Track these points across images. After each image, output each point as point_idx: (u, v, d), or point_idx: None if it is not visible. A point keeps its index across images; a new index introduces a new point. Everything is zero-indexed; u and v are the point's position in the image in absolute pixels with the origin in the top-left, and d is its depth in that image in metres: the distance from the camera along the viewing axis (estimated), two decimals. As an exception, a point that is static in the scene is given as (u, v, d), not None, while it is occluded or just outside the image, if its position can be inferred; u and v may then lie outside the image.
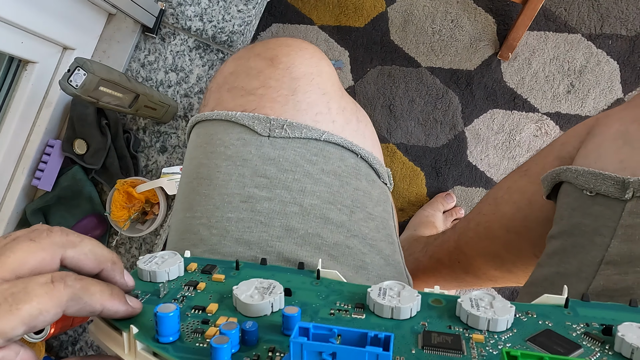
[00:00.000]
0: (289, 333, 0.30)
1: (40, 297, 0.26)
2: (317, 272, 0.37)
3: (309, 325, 0.26)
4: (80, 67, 0.75)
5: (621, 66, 1.09)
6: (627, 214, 0.41)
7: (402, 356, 0.28)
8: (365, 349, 0.24)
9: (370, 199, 0.50)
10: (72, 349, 1.13)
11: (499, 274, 0.69)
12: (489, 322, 0.31)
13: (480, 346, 0.29)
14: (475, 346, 0.29)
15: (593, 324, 0.32)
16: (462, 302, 0.32)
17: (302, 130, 0.46)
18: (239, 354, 0.28)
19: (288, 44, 0.51)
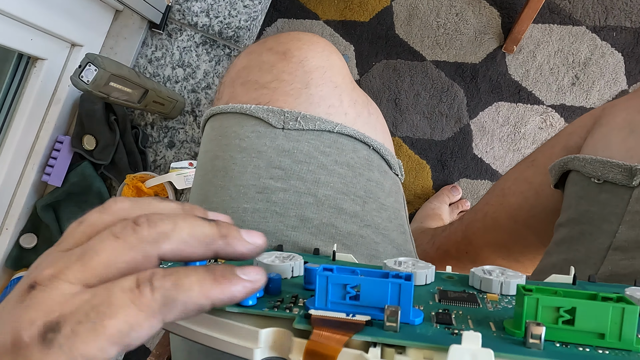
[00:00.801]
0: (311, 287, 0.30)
1: (127, 309, 0.21)
2: (332, 253, 0.38)
3: (333, 267, 0.26)
4: (91, 62, 0.76)
5: (625, 58, 1.10)
6: (635, 200, 0.42)
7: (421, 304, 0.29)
8: (388, 280, 0.25)
9: (383, 190, 0.51)
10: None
11: (506, 264, 0.70)
12: (501, 285, 0.32)
13: (495, 303, 0.30)
14: (490, 302, 0.30)
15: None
16: (475, 271, 0.33)
17: (315, 123, 0.47)
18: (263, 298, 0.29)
19: (300, 38, 0.52)
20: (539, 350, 0.24)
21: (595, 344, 0.24)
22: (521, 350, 0.24)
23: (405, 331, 0.25)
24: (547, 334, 0.24)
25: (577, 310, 0.24)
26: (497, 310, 0.29)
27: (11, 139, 1.01)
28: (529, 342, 0.24)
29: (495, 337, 0.25)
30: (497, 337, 0.25)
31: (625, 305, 0.24)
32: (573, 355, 0.24)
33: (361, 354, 0.24)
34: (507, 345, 0.24)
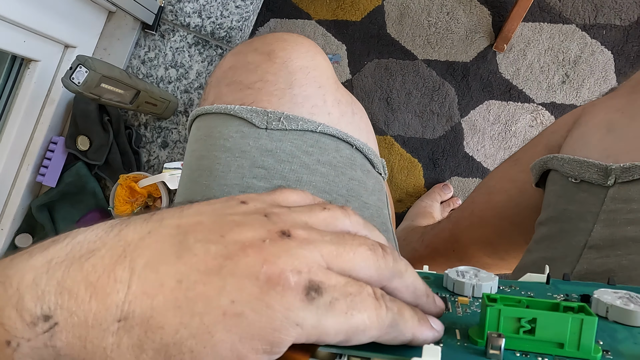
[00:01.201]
0: None
1: (371, 311, 0.23)
2: None
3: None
4: (82, 64, 0.77)
5: (615, 56, 1.10)
6: (610, 199, 0.43)
7: None
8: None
9: (365, 189, 0.51)
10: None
11: (492, 261, 0.71)
12: (473, 287, 0.32)
13: (465, 307, 0.31)
14: (461, 306, 0.31)
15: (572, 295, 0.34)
16: (449, 273, 0.34)
17: (298, 123, 0.48)
18: None
19: (285, 38, 0.53)
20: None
21: (555, 353, 0.25)
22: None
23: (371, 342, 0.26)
24: (509, 343, 0.25)
25: (537, 320, 0.25)
26: (465, 316, 0.30)
27: (6, 140, 1.01)
28: (489, 352, 0.25)
29: (457, 347, 0.26)
30: (459, 347, 0.26)
31: (584, 316, 0.25)
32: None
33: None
34: (466, 356, 0.25)
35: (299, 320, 0.22)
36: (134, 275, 0.22)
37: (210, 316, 0.21)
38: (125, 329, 0.21)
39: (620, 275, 0.41)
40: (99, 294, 0.22)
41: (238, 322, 0.21)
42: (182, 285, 0.22)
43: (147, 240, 0.24)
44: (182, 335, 0.21)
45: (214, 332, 0.21)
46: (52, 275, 0.22)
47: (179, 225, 0.24)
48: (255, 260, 0.22)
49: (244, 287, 0.22)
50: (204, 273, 0.22)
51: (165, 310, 0.21)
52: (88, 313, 0.21)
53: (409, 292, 0.26)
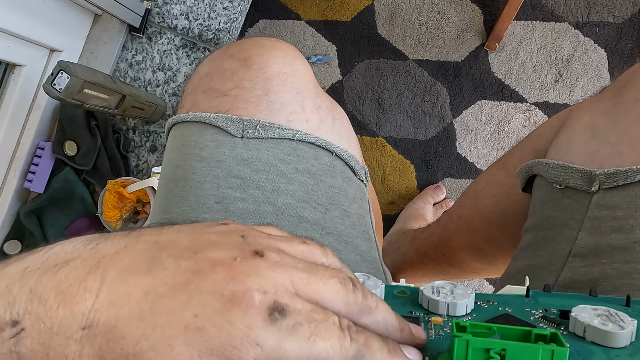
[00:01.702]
0: None
1: (334, 341, 0.22)
2: None
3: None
4: (63, 70, 0.75)
5: (609, 54, 1.09)
6: (594, 206, 0.42)
7: None
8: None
9: (346, 197, 0.50)
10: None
11: (482, 266, 0.70)
12: (448, 306, 0.31)
13: (439, 328, 0.30)
14: (434, 327, 0.30)
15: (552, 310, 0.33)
16: (424, 289, 0.33)
17: (275, 131, 0.47)
18: None
19: (262, 43, 0.52)
20: None
21: None
22: None
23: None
24: None
25: (507, 351, 0.24)
26: (438, 339, 0.29)
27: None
28: None
29: None
30: None
31: (554, 347, 0.24)
32: None
33: None
34: None
35: (260, 340, 0.21)
36: (103, 285, 0.22)
37: (172, 329, 0.21)
38: (88, 338, 0.21)
39: (605, 284, 0.40)
40: (67, 302, 0.22)
41: (198, 337, 0.21)
42: (149, 298, 0.22)
43: (121, 254, 0.24)
44: (143, 347, 0.21)
45: (173, 345, 0.21)
46: (25, 283, 0.23)
47: (155, 242, 0.25)
48: (222, 277, 0.22)
49: (208, 302, 0.22)
50: (171, 287, 0.22)
51: (129, 320, 0.21)
52: (54, 320, 0.22)
53: (379, 328, 0.26)
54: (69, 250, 0.24)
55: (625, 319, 0.29)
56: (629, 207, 0.40)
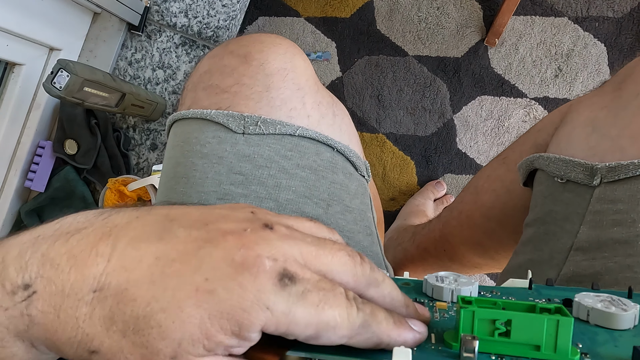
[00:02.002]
0: None
1: (342, 309, 0.23)
2: None
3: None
4: (63, 68, 0.75)
5: (608, 48, 1.09)
6: (595, 200, 0.42)
7: None
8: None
9: (348, 192, 0.50)
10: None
11: (483, 261, 0.70)
12: (452, 292, 0.31)
13: (444, 311, 0.30)
14: (439, 311, 0.30)
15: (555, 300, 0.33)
16: (428, 278, 0.33)
17: (276, 127, 0.47)
18: None
19: (261, 40, 0.52)
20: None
21: (531, 356, 0.24)
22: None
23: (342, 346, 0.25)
24: (484, 346, 0.25)
25: (512, 322, 0.24)
26: (443, 320, 0.29)
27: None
28: (463, 355, 0.24)
29: (431, 351, 0.26)
30: (433, 351, 0.26)
31: (560, 317, 0.24)
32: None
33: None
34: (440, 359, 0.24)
35: (270, 304, 0.21)
36: (115, 251, 0.23)
37: (183, 291, 0.21)
38: (99, 300, 0.22)
39: (607, 278, 0.40)
40: (79, 266, 0.22)
41: (209, 299, 0.21)
42: (160, 262, 0.22)
43: (133, 223, 0.24)
44: (153, 308, 0.21)
45: (184, 307, 0.21)
46: (38, 249, 0.23)
47: (167, 214, 0.25)
48: (233, 244, 0.23)
49: (219, 267, 0.22)
50: (183, 252, 0.23)
51: (140, 283, 0.22)
52: (66, 282, 0.22)
53: (385, 302, 0.26)
54: (81, 220, 0.25)
55: (628, 304, 0.29)
56: (631, 200, 0.40)
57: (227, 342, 0.22)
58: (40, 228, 0.25)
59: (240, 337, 0.22)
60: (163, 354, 0.21)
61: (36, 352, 0.24)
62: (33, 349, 0.23)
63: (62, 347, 0.22)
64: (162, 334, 0.21)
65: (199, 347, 0.21)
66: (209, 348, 0.21)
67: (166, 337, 0.21)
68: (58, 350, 0.23)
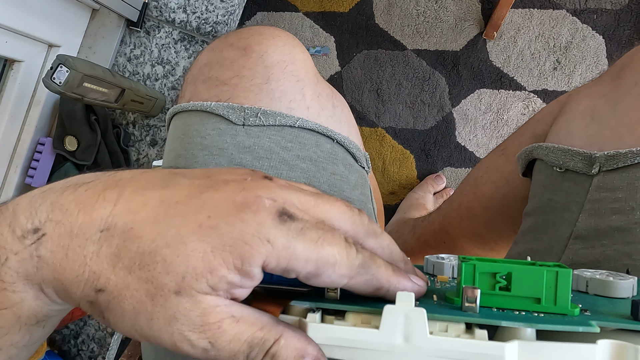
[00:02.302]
0: None
1: (341, 248, 0.23)
2: None
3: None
4: (62, 64, 0.75)
5: (607, 40, 1.09)
6: (594, 188, 0.42)
7: None
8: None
9: (348, 183, 0.50)
10: (75, 342, 1.15)
11: (482, 253, 0.70)
12: (453, 267, 0.32)
13: (444, 283, 0.31)
14: (440, 282, 0.31)
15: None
16: (429, 257, 0.34)
17: (276, 118, 0.47)
18: None
19: (260, 32, 0.52)
20: (474, 313, 0.24)
21: (532, 309, 0.25)
22: (456, 313, 0.24)
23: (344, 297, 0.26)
24: (485, 300, 0.25)
25: (513, 275, 0.25)
26: (444, 288, 0.30)
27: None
28: (464, 305, 0.24)
29: (434, 304, 0.26)
30: (436, 304, 0.26)
31: (559, 269, 0.24)
32: (507, 316, 0.24)
33: (299, 319, 0.25)
34: (442, 309, 0.25)
35: (270, 237, 0.22)
36: (121, 197, 0.24)
37: (187, 228, 0.22)
38: (105, 238, 0.23)
39: (606, 265, 0.40)
40: (86, 209, 0.23)
41: (212, 233, 0.22)
42: (164, 205, 0.23)
43: (138, 176, 0.25)
44: (158, 244, 0.22)
45: (187, 241, 0.22)
46: (47, 197, 0.24)
47: (171, 170, 0.27)
48: (234, 188, 0.24)
49: (221, 206, 0.23)
50: (186, 196, 0.24)
51: (145, 223, 0.23)
52: (74, 224, 0.23)
53: (384, 253, 0.27)
54: (89, 176, 0.26)
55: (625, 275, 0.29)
56: (629, 188, 0.41)
57: (230, 278, 0.22)
58: (50, 184, 0.26)
59: (242, 272, 0.22)
60: (167, 289, 0.22)
61: (44, 298, 0.24)
62: (42, 294, 0.24)
63: (70, 286, 0.23)
64: (166, 268, 0.22)
65: (202, 282, 0.22)
66: (212, 284, 0.22)
67: (170, 271, 0.22)
68: (65, 291, 0.23)
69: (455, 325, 0.24)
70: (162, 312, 0.22)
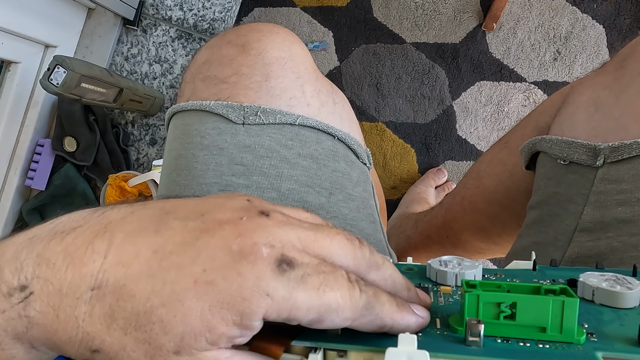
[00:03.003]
0: None
1: (344, 291, 0.22)
2: None
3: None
4: (59, 65, 0.75)
5: (607, 30, 1.08)
6: (599, 180, 0.41)
7: None
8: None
9: (350, 180, 0.50)
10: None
11: (486, 246, 0.70)
12: (456, 276, 0.31)
13: (448, 296, 0.30)
14: (443, 295, 0.30)
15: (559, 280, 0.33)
16: (432, 263, 0.33)
17: (276, 116, 0.47)
18: None
19: (259, 29, 0.51)
20: (478, 347, 0.24)
21: (537, 338, 0.24)
22: (459, 349, 0.24)
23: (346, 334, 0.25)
24: (490, 329, 0.25)
25: (517, 305, 0.24)
26: (447, 304, 0.29)
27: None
28: (468, 340, 0.24)
29: (437, 336, 0.26)
30: (439, 336, 0.26)
31: (565, 298, 0.24)
32: (511, 351, 0.23)
33: (301, 359, 0.24)
34: (445, 344, 0.24)
35: (270, 290, 0.21)
36: (111, 247, 0.22)
37: (182, 284, 0.21)
38: (97, 297, 0.22)
39: (612, 258, 0.40)
40: (75, 264, 0.22)
41: (208, 290, 0.21)
42: (157, 255, 0.22)
43: (128, 218, 0.24)
44: (153, 303, 0.21)
45: (184, 300, 0.21)
46: (33, 249, 0.23)
47: (162, 207, 0.25)
48: (230, 233, 0.22)
49: (217, 256, 0.22)
50: (179, 244, 0.22)
51: (138, 278, 0.22)
52: (63, 282, 0.22)
53: (387, 285, 0.26)
54: (76, 218, 0.24)
55: (633, 282, 0.29)
56: (634, 180, 0.40)
57: (230, 333, 0.21)
58: (35, 229, 0.25)
59: (242, 327, 0.22)
60: (166, 349, 0.21)
61: (36, 353, 0.23)
62: (33, 349, 0.23)
63: (64, 346, 0.22)
64: (164, 329, 0.21)
65: (202, 341, 0.21)
66: (212, 341, 0.21)
67: (168, 332, 0.21)
68: (59, 350, 0.23)
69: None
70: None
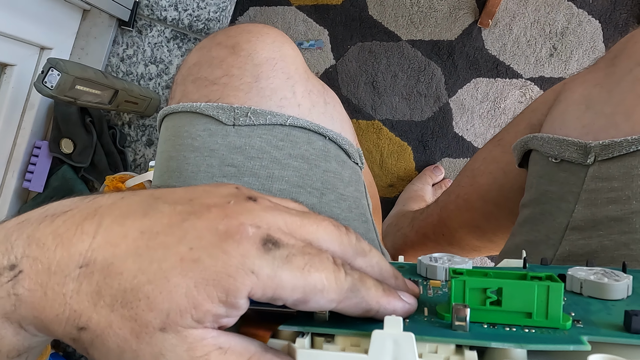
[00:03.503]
0: None
1: (329, 273, 0.23)
2: None
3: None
4: (53, 67, 0.75)
5: (603, 25, 1.08)
6: (590, 178, 0.41)
7: None
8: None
9: (341, 180, 0.50)
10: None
11: (481, 244, 0.70)
12: (445, 271, 0.31)
13: (437, 289, 0.30)
14: (432, 289, 0.30)
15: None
16: (422, 259, 0.33)
17: (266, 117, 0.47)
18: None
19: (249, 30, 0.51)
20: (464, 332, 0.24)
21: (523, 324, 0.24)
22: (445, 333, 0.24)
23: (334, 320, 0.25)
24: (476, 315, 0.25)
25: (503, 290, 0.24)
26: (436, 296, 0.29)
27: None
28: (454, 324, 0.24)
29: (424, 322, 0.26)
30: (426, 322, 0.26)
31: (550, 283, 0.24)
32: (497, 335, 0.24)
33: (289, 344, 0.24)
34: (432, 329, 0.24)
35: (255, 268, 0.22)
36: (100, 228, 0.23)
37: (168, 262, 0.22)
38: (85, 275, 0.22)
39: (603, 256, 0.40)
40: (64, 244, 0.23)
41: (194, 267, 0.21)
42: (145, 236, 0.22)
43: (118, 203, 0.24)
44: (140, 280, 0.22)
45: (170, 277, 0.21)
46: (23, 231, 0.24)
47: (151, 194, 0.25)
48: (217, 215, 0.23)
49: (203, 236, 0.22)
50: (167, 225, 0.23)
51: (125, 257, 0.22)
52: (52, 260, 0.22)
53: (374, 272, 0.26)
54: (67, 203, 0.25)
55: (621, 275, 0.29)
56: (625, 178, 0.40)
57: (215, 311, 0.22)
58: (27, 214, 0.25)
59: (228, 305, 0.22)
60: (152, 326, 0.21)
61: (25, 334, 0.24)
62: (22, 330, 0.23)
63: (51, 325, 0.23)
64: (150, 306, 0.21)
65: (187, 318, 0.21)
66: (198, 318, 0.22)
67: (154, 309, 0.21)
68: (46, 329, 0.23)
69: (445, 347, 0.23)
70: (148, 350, 0.21)
